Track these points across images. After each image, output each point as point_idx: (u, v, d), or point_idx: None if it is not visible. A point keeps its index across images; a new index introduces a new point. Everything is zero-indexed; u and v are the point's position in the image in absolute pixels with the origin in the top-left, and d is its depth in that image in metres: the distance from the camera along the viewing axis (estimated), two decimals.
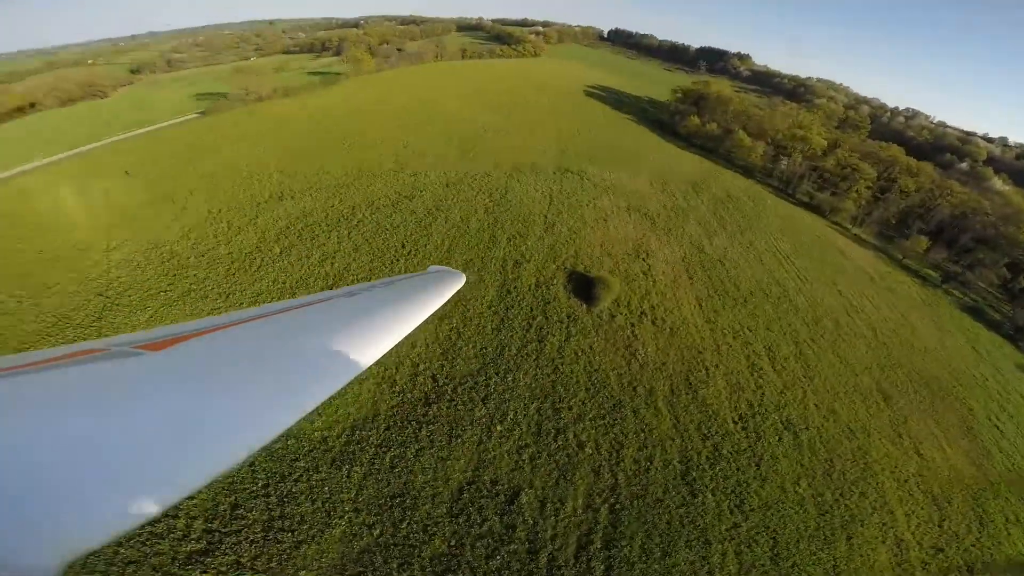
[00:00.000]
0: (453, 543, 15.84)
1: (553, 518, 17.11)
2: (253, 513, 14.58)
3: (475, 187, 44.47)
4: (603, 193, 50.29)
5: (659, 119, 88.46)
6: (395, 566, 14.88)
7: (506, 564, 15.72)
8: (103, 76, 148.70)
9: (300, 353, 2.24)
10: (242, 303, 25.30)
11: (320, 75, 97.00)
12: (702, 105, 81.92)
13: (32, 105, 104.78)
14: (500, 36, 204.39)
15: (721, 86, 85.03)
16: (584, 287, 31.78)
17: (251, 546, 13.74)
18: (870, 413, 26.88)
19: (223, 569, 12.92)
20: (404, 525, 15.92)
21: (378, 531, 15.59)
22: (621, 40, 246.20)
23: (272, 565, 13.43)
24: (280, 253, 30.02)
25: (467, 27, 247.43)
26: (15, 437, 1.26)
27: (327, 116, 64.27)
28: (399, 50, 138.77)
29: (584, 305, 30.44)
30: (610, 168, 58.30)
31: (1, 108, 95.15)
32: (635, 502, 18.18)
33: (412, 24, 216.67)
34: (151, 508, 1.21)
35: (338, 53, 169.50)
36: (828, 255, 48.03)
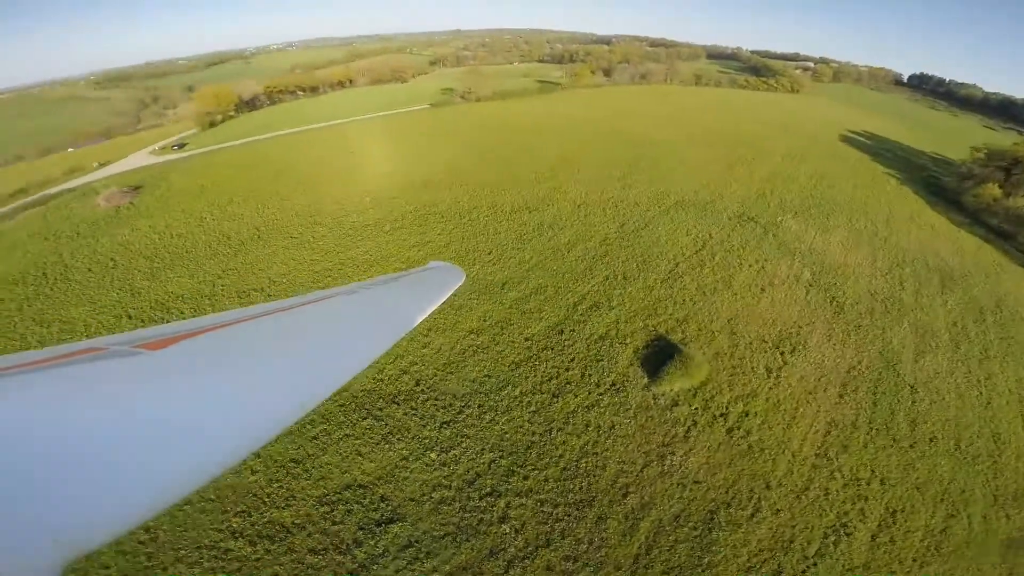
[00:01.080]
0: (297, 521, 15.89)
1: (403, 562, 15.41)
2: None
3: (609, 214, 41.87)
4: (786, 256, 40.79)
5: (936, 182, 66.15)
6: (236, 511, 15.85)
7: (321, 567, 15.08)
8: (409, 64, 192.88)
9: (300, 351, 2.31)
10: (332, 263, 30.32)
11: (543, 83, 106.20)
12: (1015, 172, 57.38)
13: (351, 81, 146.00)
14: (756, 68, 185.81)
15: None
16: (658, 358, 26.71)
17: None
18: None
19: None
20: (275, 485, 16.79)
21: (254, 479, 16.82)
22: (928, 87, 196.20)
23: None
24: (387, 231, 34.61)
25: (720, 55, 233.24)
26: (14, 437, 1.27)
27: (517, 121, 70.12)
28: (634, 69, 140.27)
29: (645, 378, 25.64)
30: (820, 228, 46.86)
31: (328, 80, 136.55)
32: None
33: (661, 47, 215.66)
34: (151, 508, 1.23)
35: None
36: None
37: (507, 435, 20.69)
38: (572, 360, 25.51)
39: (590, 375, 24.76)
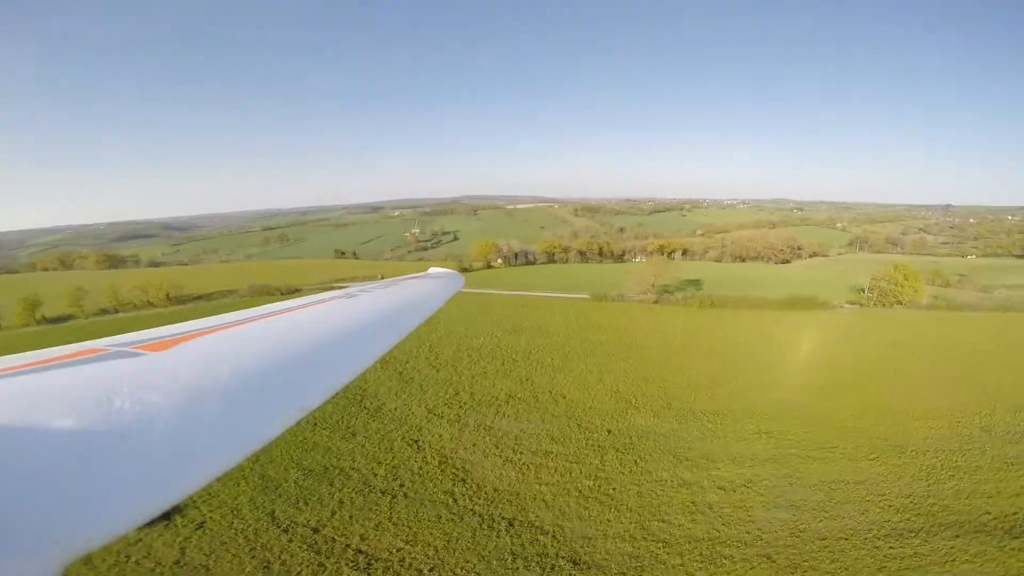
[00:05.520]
0: None
1: None
2: None
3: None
4: None
5: None
6: None
7: None
8: (799, 242, 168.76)
9: (300, 353, 2.45)
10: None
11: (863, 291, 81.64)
12: None
13: (684, 252, 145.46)
14: None
15: None
16: None
17: None
18: None
19: None
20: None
21: None
22: None
23: None
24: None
25: None
26: (15, 437, 1.33)
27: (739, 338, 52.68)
28: None
29: None
30: None
31: (641, 248, 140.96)
32: None
33: None
34: (151, 508, 1.28)
35: None
36: None
37: None
38: None
39: None
